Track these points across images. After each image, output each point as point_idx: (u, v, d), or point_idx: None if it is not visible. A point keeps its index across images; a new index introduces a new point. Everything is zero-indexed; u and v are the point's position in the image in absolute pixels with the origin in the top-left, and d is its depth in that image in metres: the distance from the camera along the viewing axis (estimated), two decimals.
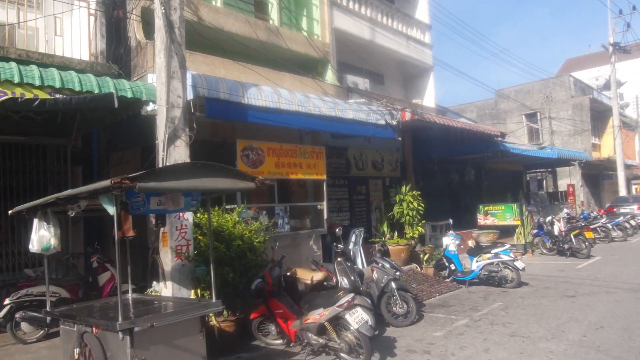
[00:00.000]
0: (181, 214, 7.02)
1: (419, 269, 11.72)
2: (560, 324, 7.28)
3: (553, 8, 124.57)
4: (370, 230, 15.48)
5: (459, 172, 18.04)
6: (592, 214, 18.90)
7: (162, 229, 7.04)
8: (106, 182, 4.24)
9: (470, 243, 12.82)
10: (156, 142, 7.18)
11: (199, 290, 6.82)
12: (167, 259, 7.02)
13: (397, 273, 8.06)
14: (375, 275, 8.16)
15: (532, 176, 25.23)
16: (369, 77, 15.86)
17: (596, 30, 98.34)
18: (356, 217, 15.16)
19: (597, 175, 30.36)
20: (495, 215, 15.74)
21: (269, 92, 8.98)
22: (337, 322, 6.05)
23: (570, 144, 26.84)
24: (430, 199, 12.90)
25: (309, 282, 7.95)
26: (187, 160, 7.10)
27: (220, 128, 9.84)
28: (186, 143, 7.25)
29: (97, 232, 9.68)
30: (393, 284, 7.93)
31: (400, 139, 11.81)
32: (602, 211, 20.73)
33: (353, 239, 11.68)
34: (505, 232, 16.29)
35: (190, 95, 7.90)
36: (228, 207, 8.68)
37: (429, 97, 17.31)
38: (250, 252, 7.08)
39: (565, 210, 19.58)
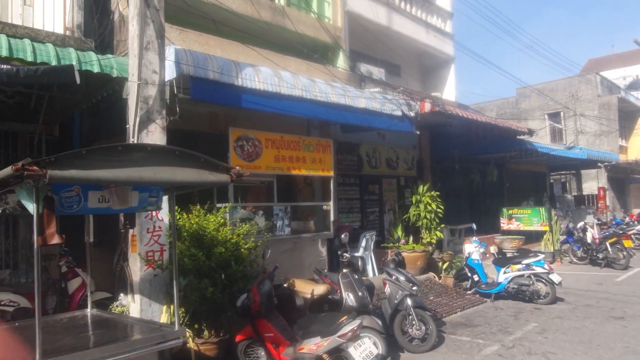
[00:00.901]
0: (154, 213, 5.74)
1: (437, 278, 10.31)
2: (616, 357, 5.84)
3: (573, 9, 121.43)
4: (383, 233, 14.09)
5: (480, 172, 16.55)
6: (624, 220, 17.24)
7: (130, 231, 5.78)
8: (7, 170, 2.96)
9: (493, 250, 11.38)
10: (127, 126, 5.92)
11: (172, 307, 5.53)
12: (135, 267, 5.75)
13: (414, 288, 6.68)
14: (387, 290, 6.80)
15: (556, 178, 23.54)
16: (385, 67, 14.46)
17: (619, 31, 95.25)
18: (368, 219, 13.78)
19: (623, 179, 28.47)
20: (521, 219, 14.23)
21: (268, 74, 7.66)
22: (339, 354, 4.72)
23: (595, 145, 25.06)
24: (447, 200, 11.53)
25: (308, 296, 6.62)
26: None
27: (221, 119, 8.55)
28: (162, 128, 5.97)
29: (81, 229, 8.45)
30: (409, 301, 6.56)
31: (417, 132, 10.42)
32: (634, 217, 19.03)
33: (363, 243, 10.33)
34: (530, 238, 14.76)
35: (172, 74, 6.63)
36: (219, 205, 7.41)
37: (449, 91, 15.84)
38: (236, 261, 5.76)
39: (593, 215, 17.94)
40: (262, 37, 9.84)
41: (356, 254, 10.39)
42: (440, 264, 10.56)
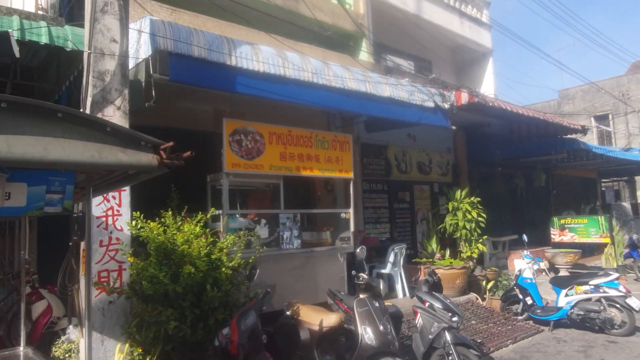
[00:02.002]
0: (110, 221, 4.34)
1: (480, 300, 8.54)
2: None
3: (613, 14, 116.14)
4: (416, 246, 12.38)
5: (524, 178, 14.60)
6: None
7: (81, 243, 4.40)
8: None
9: (543, 265, 9.55)
10: (81, 110, 4.58)
11: (127, 346, 4.08)
12: (85, 292, 4.33)
13: (454, 319, 5.02)
14: (419, 320, 5.17)
15: (607, 185, 21.16)
16: (414, 62, 12.88)
17: None
18: (398, 230, 12.11)
19: None
20: (575, 230, 12.21)
21: (270, 54, 6.23)
22: None
23: None
24: (487, 209, 9.78)
25: (316, 328, 5.04)
26: None
27: (227, 115, 7.14)
28: (124, 113, 4.59)
29: (57, 240, 7.19)
30: (448, 336, 4.91)
31: (453, 128, 8.75)
32: None
33: (391, 258, 8.68)
34: (584, 251, 12.70)
35: (148, 50, 5.30)
36: (217, 212, 5.99)
37: (487, 87, 14.05)
38: (215, 284, 4.26)
39: None
40: (272, 24, 8.45)
41: (383, 271, 8.77)
42: (483, 282, 8.79)
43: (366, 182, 11.43)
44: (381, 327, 4.52)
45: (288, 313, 5.23)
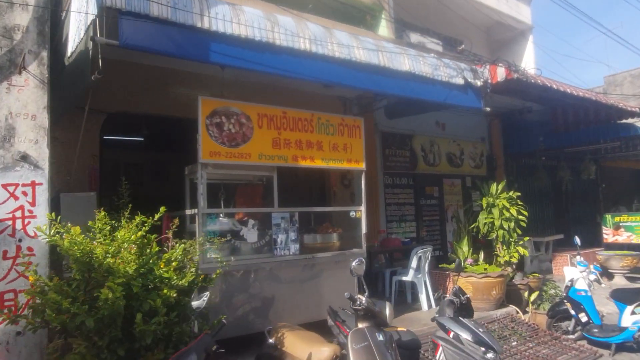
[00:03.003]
0: (19, 225, 3.20)
1: (521, 315, 7.05)
2: None
3: None
4: (446, 246, 10.92)
5: (569, 170, 12.83)
6: None
7: None
8: None
9: (598, 274, 7.95)
10: None
11: None
12: None
13: (489, 355, 3.63)
14: (442, 357, 3.81)
15: None
16: (442, 42, 11.36)
17: None
18: (426, 229, 10.69)
19: None
20: (632, 229, 10.42)
21: (255, 16, 4.96)
22: None
23: None
24: (526, 205, 8.22)
25: None
26: (38, 114, 3.29)
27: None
28: (40, 82, 3.43)
29: None
30: None
31: (487, 109, 7.24)
32: None
33: (414, 263, 7.31)
34: None
35: (94, 9, 4.13)
36: (189, 212, 4.83)
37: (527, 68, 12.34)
38: (152, 312, 3.05)
39: None
40: None
41: (404, 278, 7.41)
42: (525, 293, 7.29)
43: (388, 175, 10.06)
44: None
45: (271, 341, 4.01)
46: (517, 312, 7.07)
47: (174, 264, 3.28)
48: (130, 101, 7.16)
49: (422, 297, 7.26)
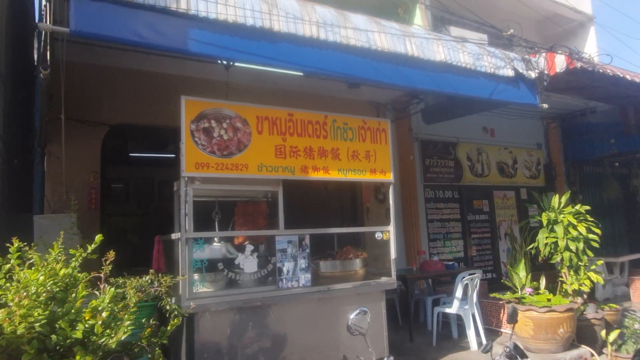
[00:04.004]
0: None
1: (596, 358, 5.58)
2: None
3: None
4: (499, 268, 9.47)
5: None
6: None
7: None
8: None
9: None
10: None
11: None
12: None
13: None
14: None
15: None
16: (487, 37, 10.03)
17: None
18: (475, 248, 9.32)
19: None
20: None
21: None
22: None
23: None
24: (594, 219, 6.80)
25: None
26: None
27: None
28: None
29: None
30: None
31: (544, 106, 5.91)
32: None
33: (458, 292, 6.03)
34: None
35: None
36: (175, 236, 3.91)
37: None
38: None
39: None
40: None
41: (448, 310, 6.13)
42: (602, 331, 5.80)
43: (430, 188, 8.83)
44: None
45: None
46: (592, 355, 5.60)
47: (99, 318, 2.31)
48: (135, 112, 6.46)
49: (470, 334, 5.94)
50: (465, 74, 5.20)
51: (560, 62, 5.86)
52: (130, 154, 10.66)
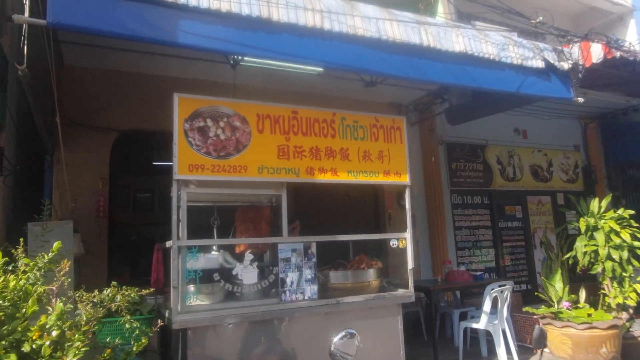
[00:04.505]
0: None
1: None
2: None
3: None
4: (534, 279, 8.78)
5: None
6: None
7: None
8: None
9: None
10: None
11: None
12: None
13: None
14: None
15: None
16: (517, 34, 9.42)
17: None
18: (508, 257, 8.68)
19: None
20: None
21: None
22: None
23: None
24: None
25: None
26: None
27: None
28: None
29: None
30: None
31: (580, 100, 5.32)
32: None
33: (486, 305, 5.49)
34: None
35: None
36: (168, 244, 3.61)
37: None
38: None
39: None
40: None
41: (476, 326, 5.58)
42: None
43: (457, 194, 8.28)
44: None
45: None
46: None
47: (47, 338, 1.98)
48: (145, 116, 6.26)
49: (500, 352, 5.36)
50: (489, 65, 4.71)
51: (596, 52, 5.27)
52: (154, 163, 10.60)
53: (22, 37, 3.06)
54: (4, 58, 3.74)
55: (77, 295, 2.50)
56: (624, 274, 5.47)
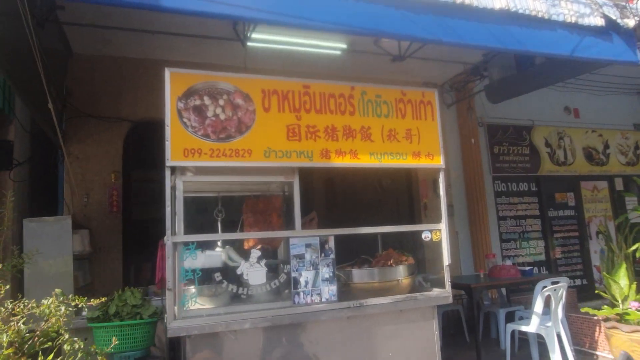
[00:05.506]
0: None
1: None
2: None
3: None
4: (590, 273, 7.85)
5: None
6: None
7: None
8: None
9: None
10: None
11: None
12: None
13: None
14: None
15: None
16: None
17: None
18: (559, 249, 7.79)
19: None
20: None
21: None
22: None
23: None
24: None
25: None
26: None
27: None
28: None
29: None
30: None
31: None
32: None
33: (538, 305, 4.73)
34: None
35: None
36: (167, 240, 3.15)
37: None
38: None
39: None
40: None
41: (525, 328, 4.84)
42: None
43: (500, 180, 7.47)
44: None
45: None
46: None
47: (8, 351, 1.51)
48: (158, 106, 5.84)
49: (555, 358, 4.61)
50: (536, 25, 3.96)
51: None
52: None
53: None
54: None
55: (13, 305, 2.03)
56: None
